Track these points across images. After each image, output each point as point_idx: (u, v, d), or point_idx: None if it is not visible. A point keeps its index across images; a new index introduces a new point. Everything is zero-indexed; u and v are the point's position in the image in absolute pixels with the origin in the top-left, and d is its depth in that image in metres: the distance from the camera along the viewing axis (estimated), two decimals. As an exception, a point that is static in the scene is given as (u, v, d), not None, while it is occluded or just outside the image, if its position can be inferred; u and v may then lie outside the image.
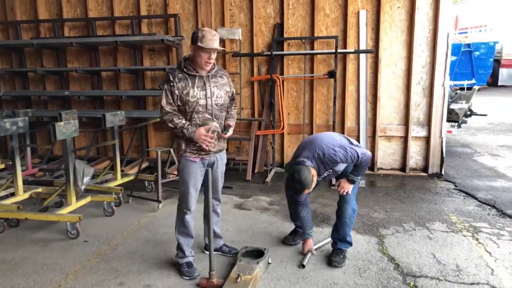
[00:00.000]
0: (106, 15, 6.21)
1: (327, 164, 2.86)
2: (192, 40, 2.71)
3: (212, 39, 2.67)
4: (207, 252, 3.12)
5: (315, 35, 5.63)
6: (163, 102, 2.75)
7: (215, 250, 3.10)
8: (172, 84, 2.72)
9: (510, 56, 16.19)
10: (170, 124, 2.77)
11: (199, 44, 2.65)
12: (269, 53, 5.63)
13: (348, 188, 3.02)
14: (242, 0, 5.81)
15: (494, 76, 16.46)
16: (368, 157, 2.89)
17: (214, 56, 2.74)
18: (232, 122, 2.97)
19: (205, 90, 2.77)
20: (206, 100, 2.77)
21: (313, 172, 2.80)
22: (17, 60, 6.64)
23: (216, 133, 2.85)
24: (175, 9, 5.97)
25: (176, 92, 2.72)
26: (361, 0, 5.50)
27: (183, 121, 2.75)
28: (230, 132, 2.93)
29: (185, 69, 2.76)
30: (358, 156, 2.84)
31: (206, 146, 2.78)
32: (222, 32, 5.71)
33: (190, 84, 2.73)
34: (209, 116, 2.80)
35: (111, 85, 6.41)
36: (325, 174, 2.96)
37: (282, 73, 5.83)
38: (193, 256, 3.04)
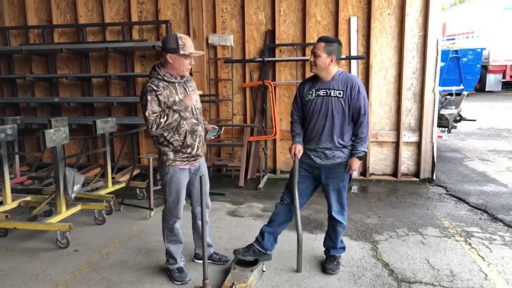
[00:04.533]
0: (97, 22, 6.17)
1: (345, 81, 2.84)
2: (169, 48, 2.65)
3: (192, 45, 2.70)
4: (197, 261, 3.11)
5: (307, 41, 5.65)
6: (148, 112, 2.63)
7: (206, 258, 3.07)
8: (158, 92, 2.65)
9: (497, 62, 16.46)
10: (162, 123, 2.63)
11: (182, 52, 2.64)
12: (261, 59, 5.64)
13: (357, 166, 2.91)
14: (234, 6, 5.82)
15: (482, 81, 16.71)
16: (368, 122, 2.87)
17: (193, 61, 2.77)
18: (213, 125, 3.01)
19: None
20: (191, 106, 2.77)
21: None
22: (5, 67, 6.55)
23: (201, 137, 2.88)
24: (167, 15, 5.94)
25: (164, 100, 2.66)
26: (352, 7, 5.55)
27: (167, 111, 2.66)
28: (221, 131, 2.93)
29: (165, 78, 2.71)
30: (365, 111, 2.83)
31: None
32: (214, 38, 5.72)
33: (174, 91, 2.72)
34: (196, 121, 2.83)
35: (101, 91, 6.35)
36: (331, 89, 2.84)
37: (274, 79, 5.83)
38: (183, 261, 3.03)
